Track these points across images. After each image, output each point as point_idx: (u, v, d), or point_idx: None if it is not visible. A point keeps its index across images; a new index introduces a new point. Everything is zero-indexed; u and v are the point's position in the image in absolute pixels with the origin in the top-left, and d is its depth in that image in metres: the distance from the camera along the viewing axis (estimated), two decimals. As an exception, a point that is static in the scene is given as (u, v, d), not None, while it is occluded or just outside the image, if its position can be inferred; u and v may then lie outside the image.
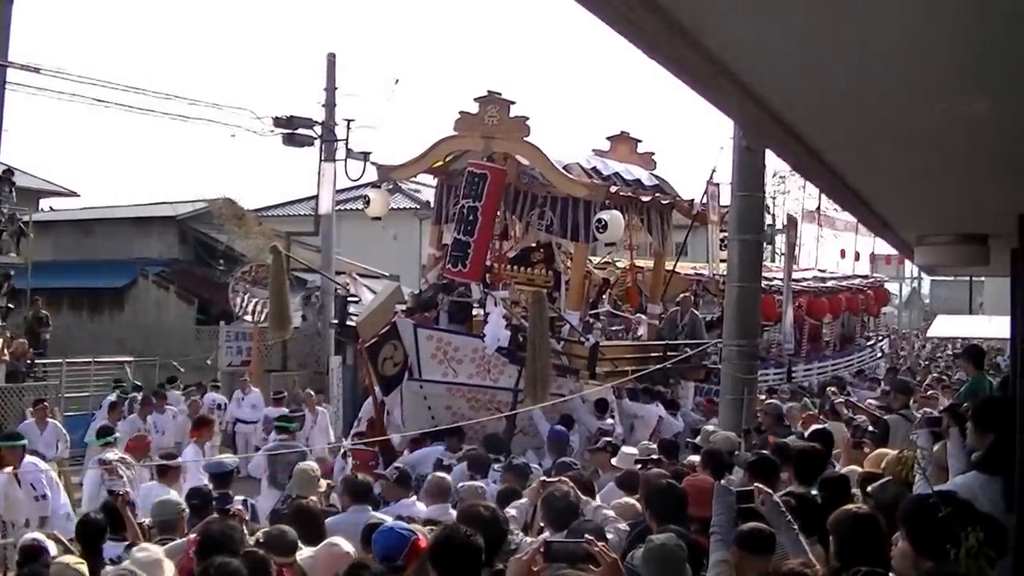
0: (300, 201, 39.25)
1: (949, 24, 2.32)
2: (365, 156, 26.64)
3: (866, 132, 3.60)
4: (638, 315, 19.28)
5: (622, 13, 2.18)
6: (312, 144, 27.21)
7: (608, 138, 19.33)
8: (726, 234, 18.86)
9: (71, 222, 35.52)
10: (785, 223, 22.87)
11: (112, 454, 12.25)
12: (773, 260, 29.86)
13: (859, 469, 7.84)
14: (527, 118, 15.87)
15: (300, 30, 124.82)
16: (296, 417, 16.15)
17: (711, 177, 19.42)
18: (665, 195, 18.38)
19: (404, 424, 15.34)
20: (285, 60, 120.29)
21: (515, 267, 17.03)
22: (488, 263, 16.34)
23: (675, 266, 20.60)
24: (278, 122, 26.56)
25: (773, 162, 19.94)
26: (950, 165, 4.19)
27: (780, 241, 32.64)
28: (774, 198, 41.69)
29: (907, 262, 36.23)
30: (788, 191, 46.36)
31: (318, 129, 27.05)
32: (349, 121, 27.25)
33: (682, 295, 19.92)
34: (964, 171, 4.32)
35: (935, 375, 27.71)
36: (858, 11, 2.22)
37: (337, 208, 27.88)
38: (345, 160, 26.99)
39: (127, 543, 7.50)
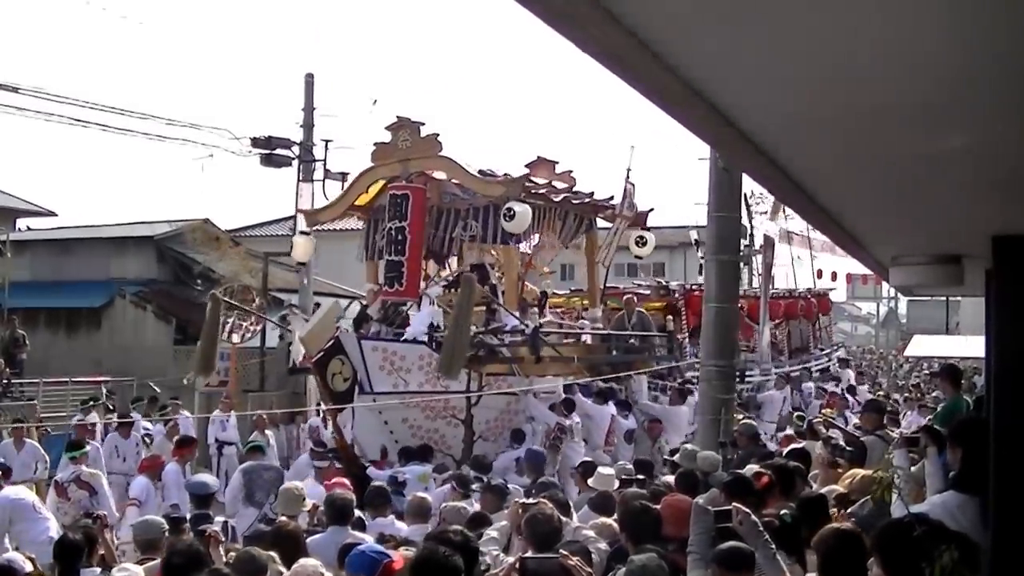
0: (278, 221, 39.26)
1: (926, 47, 2.35)
2: (343, 176, 26.64)
3: (840, 154, 3.62)
4: (581, 322, 19.39)
5: (594, 35, 2.20)
6: (290, 164, 27.24)
7: (526, 166, 19.13)
8: (640, 235, 19.03)
9: (48, 241, 35.34)
10: (762, 243, 22.96)
11: (68, 472, 12.25)
12: (751, 283, 30.03)
13: (838, 488, 7.87)
14: (437, 134, 16.45)
15: (278, 51, 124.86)
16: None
17: (627, 176, 19.33)
18: (579, 195, 18.49)
19: (359, 439, 15.36)
20: (263, 81, 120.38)
21: (451, 290, 17.22)
22: (423, 288, 16.58)
23: (605, 284, 20.76)
24: (256, 142, 26.58)
25: (750, 182, 19.93)
26: (924, 187, 4.22)
27: (756, 262, 32.76)
28: (751, 218, 41.77)
29: (884, 282, 36.44)
30: (765, 211, 46.47)
31: (296, 149, 27.07)
32: (327, 141, 27.33)
33: (624, 298, 20.06)
34: (938, 193, 4.35)
35: (905, 394, 28.08)
36: (833, 33, 2.25)
37: (315, 229, 27.85)
38: (323, 181, 27.01)
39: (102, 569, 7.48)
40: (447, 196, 17.06)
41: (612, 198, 19.16)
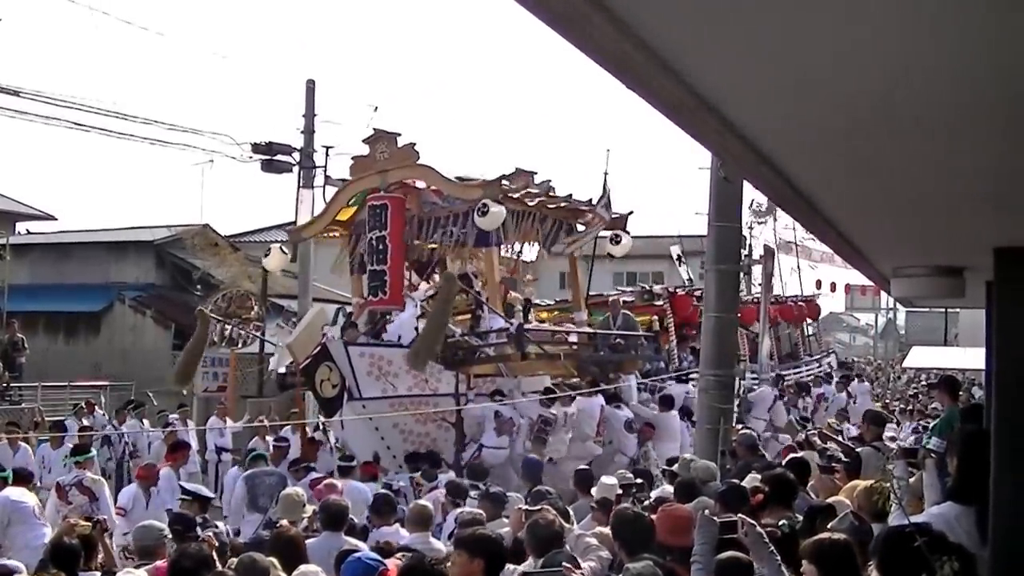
0: (278, 227, 39.23)
1: (929, 60, 2.36)
2: (343, 183, 26.64)
3: (844, 165, 3.63)
4: (566, 324, 19.38)
5: (604, 46, 2.21)
6: (291, 170, 27.25)
7: (503, 177, 19.05)
8: (615, 233, 18.97)
9: (48, 245, 35.39)
10: (762, 253, 22.98)
11: (71, 476, 12.20)
12: (749, 292, 30.02)
13: (842, 499, 7.87)
14: (414, 144, 16.55)
15: (280, 57, 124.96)
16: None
17: (605, 179, 19.39)
18: (555, 199, 18.40)
19: (350, 445, 15.42)
20: (265, 87, 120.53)
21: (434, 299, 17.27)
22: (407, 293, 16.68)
23: (589, 289, 21.02)
24: (257, 148, 26.61)
25: (751, 191, 19.96)
26: (927, 199, 4.23)
27: (756, 272, 32.86)
28: (751, 228, 41.78)
29: (883, 293, 36.50)
30: (765, 221, 46.47)
31: (297, 156, 27.08)
32: (328, 148, 27.34)
33: (609, 300, 20.08)
34: (940, 205, 4.36)
35: (899, 404, 28.07)
36: (839, 45, 2.26)
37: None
38: (324, 187, 27.00)
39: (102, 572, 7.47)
40: (427, 205, 17.04)
41: (591, 200, 19.12)
